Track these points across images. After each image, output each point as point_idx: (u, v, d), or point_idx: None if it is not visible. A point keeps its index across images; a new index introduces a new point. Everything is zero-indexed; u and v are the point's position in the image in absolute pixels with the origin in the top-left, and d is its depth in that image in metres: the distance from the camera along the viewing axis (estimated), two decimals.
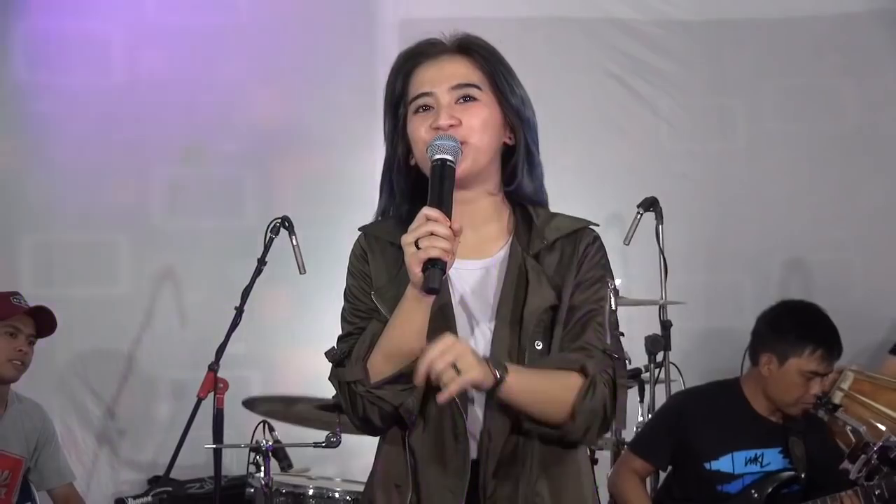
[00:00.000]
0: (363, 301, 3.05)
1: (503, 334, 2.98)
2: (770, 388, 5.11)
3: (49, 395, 6.23)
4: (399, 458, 3.02)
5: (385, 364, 2.89)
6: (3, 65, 6.42)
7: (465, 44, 3.12)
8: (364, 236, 3.13)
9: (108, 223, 6.58)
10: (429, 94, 3.01)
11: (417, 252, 2.72)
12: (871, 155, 7.26)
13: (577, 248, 3.10)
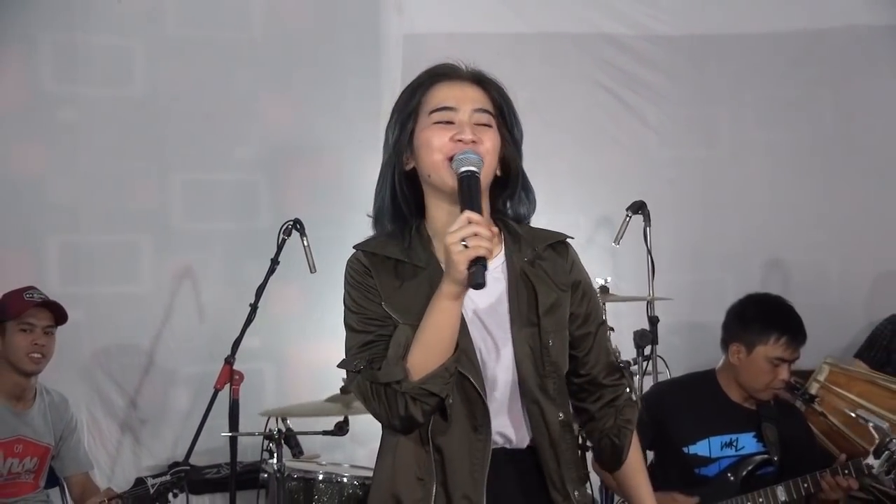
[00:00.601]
0: (372, 310, 3.07)
1: (519, 336, 3.08)
2: (741, 375, 5.14)
3: (75, 386, 6.27)
4: (420, 451, 3.06)
5: (426, 361, 2.93)
6: (32, 76, 6.45)
7: (482, 77, 3.19)
8: (363, 254, 3.14)
9: (131, 225, 6.61)
10: (452, 110, 3.06)
11: (465, 251, 2.78)
12: (847, 162, 7.30)
13: (566, 259, 3.25)
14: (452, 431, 3.03)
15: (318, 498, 5.75)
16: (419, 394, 2.92)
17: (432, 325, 2.93)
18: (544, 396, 3.09)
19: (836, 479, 4.90)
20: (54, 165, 6.48)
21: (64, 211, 6.49)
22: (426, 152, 3.06)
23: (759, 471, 5.09)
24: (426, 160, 3.06)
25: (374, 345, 3.04)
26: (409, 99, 3.16)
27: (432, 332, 2.93)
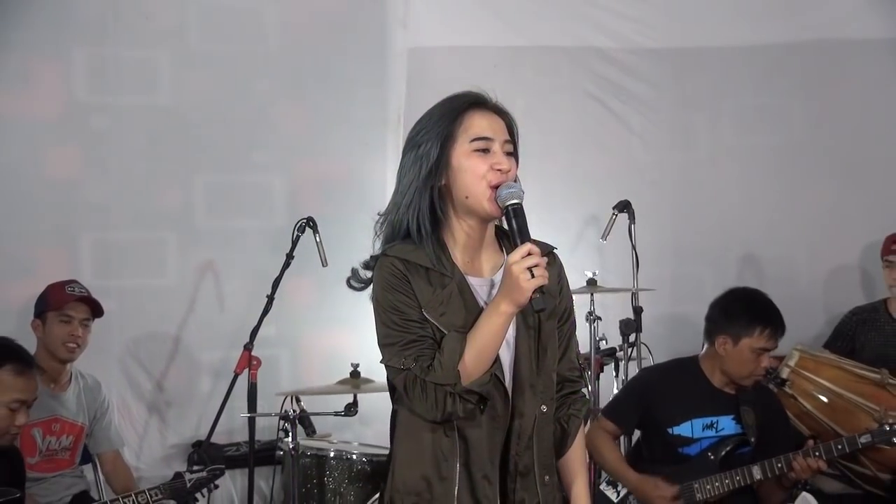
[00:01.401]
0: (412, 313, 3.14)
1: (525, 337, 3.23)
2: (726, 364, 5.13)
3: (108, 371, 6.29)
4: (444, 437, 3.18)
5: (477, 367, 3.06)
6: (68, 87, 6.44)
7: (503, 109, 3.29)
8: (399, 261, 3.17)
9: (157, 223, 6.61)
10: (490, 140, 3.15)
11: (532, 280, 2.95)
12: (815, 165, 7.31)
13: (555, 268, 3.34)
14: (476, 421, 3.16)
15: (329, 473, 5.75)
16: (468, 395, 3.06)
17: (486, 337, 3.07)
18: (531, 389, 3.23)
19: (806, 460, 4.92)
20: (88, 168, 6.48)
21: (97, 210, 6.49)
22: (470, 177, 3.15)
23: (737, 451, 5.09)
24: (468, 184, 3.15)
25: (417, 344, 3.11)
26: (448, 122, 3.20)
27: (485, 343, 3.07)
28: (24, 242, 6.36)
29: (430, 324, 3.12)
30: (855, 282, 7.25)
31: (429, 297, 3.14)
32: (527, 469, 3.24)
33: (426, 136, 3.22)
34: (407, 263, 3.16)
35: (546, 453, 3.31)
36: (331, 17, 6.84)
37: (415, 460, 3.24)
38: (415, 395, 3.10)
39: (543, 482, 3.27)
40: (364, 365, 5.76)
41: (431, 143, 3.19)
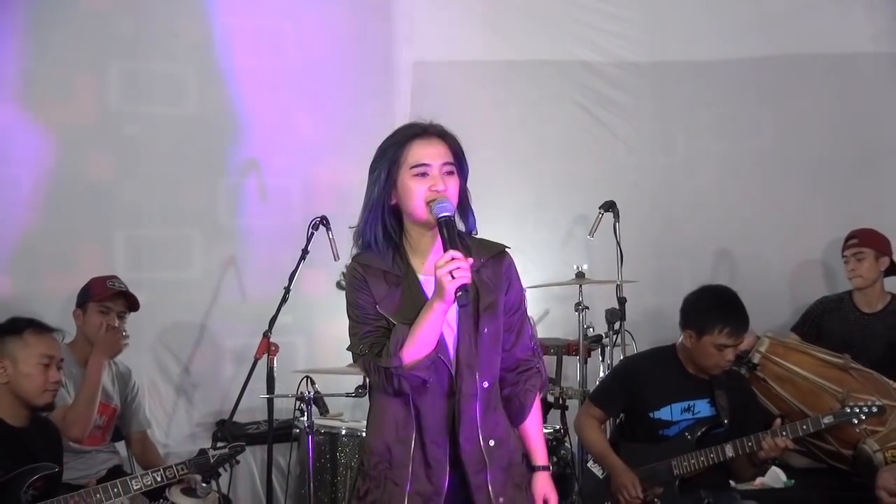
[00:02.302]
0: (368, 308, 3.48)
1: (465, 324, 3.47)
2: (692, 355, 5.12)
3: (140, 357, 6.24)
4: (403, 410, 3.49)
5: (417, 353, 3.36)
6: (103, 97, 6.42)
7: (442, 132, 3.51)
8: (360, 266, 3.53)
9: (184, 221, 6.59)
10: (428, 165, 3.42)
11: (453, 280, 3.21)
12: (782, 169, 7.30)
13: (502, 267, 3.60)
14: (427, 396, 3.46)
15: (341, 450, 5.75)
16: (410, 377, 3.36)
17: (423, 328, 3.35)
18: (469, 368, 3.47)
19: (774, 440, 4.90)
20: (121, 172, 6.44)
21: (129, 209, 6.47)
22: (409, 198, 3.43)
23: (712, 431, 5.07)
24: (409, 203, 3.43)
25: (372, 334, 3.45)
26: (392, 153, 3.48)
27: (423, 333, 3.35)
28: (65, 238, 6.33)
29: (384, 317, 3.44)
30: (818, 275, 7.24)
31: (383, 295, 3.46)
32: (472, 434, 3.48)
33: (379, 163, 3.51)
34: (366, 268, 3.50)
35: (490, 421, 3.52)
36: (343, 34, 6.82)
37: (380, 428, 3.55)
38: (371, 374, 3.47)
39: (488, 445, 3.50)
40: None
41: (381, 170, 3.49)
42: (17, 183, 6.26)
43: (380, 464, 3.55)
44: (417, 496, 3.50)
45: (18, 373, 4.58)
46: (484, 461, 3.50)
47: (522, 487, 3.63)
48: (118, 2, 6.45)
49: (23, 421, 4.62)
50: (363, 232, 3.55)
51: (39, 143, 6.28)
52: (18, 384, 4.59)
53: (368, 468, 3.60)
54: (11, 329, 4.67)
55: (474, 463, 3.51)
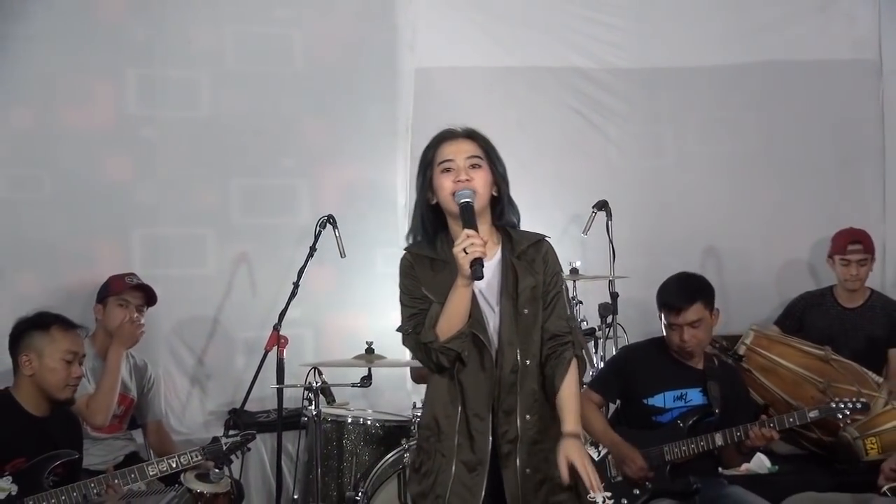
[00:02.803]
0: (416, 293, 3.68)
1: (506, 305, 3.65)
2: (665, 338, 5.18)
3: (156, 349, 6.27)
4: (450, 384, 3.68)
5: (448, 328, 3.55)
6: (120, 102, 6.40)
7: (472, 133, 3.75)
8: (410, 255, 3.75)
9: (198, 220, 6.56)
10: (451, 161, 3.64)
11: (467, 256, 3.40)
12: (767, 170, 7.29)
13: (540, 252, 3.77)
14: (469, 371, 3.64)
15: (347, 437, 5.76)
16: (444, 350, 3.56)
17: (451, 304, 3.55)
18: (510, 347, 3.65)
19: (761, 430, 4.88)
20: (138, 173, 6.43)
21: (145, 209, 6.44)
22: (440, 193, 3.65)
23: (704, 419, 5.04)
24: (441, 197, 3.65)
25: (418, 316, 3.66)
26: (424, 157, 3.75)
27: (452, 308, 3.55)
28: (85, 237, 6.32)
29: (429, 300, 3.63)
30: (804, 271, 7.23)
31: (429, 280, 3.67)
32: (510, 409, 3.64)
33: (419, 168, 3.76)
34: (415, 257, 3.73)
35: (529, 397, 3.67)
36: (348, 42, 6.79)
37: (430, 403, 3.77)
38: (416, 352, 3.67)
39: (525, 420, 3.65)
40: (377, 342, 5.80)
41: (420, 174, 3.75)
42: (40, 184, 6.26)
43: (430, 437, 3.73)
44: (463, 465, 3.64)
45: (43, 366, 4.58)
46: (517, 431, 3.64)
47: (551, 461, 3.65)
48: (134, 11, 6.43)
49: (44, 411, 4.62)
50: (412, 227, 3.81)
51: (60, 145, 6.29)
52: (42, 377, 4.58)
53: (421, 441, 3.81)
54: (39, 324, 4.67)
55: (508, 433, 3.64)
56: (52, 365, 4.58)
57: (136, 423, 5.90)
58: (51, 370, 4.58)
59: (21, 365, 4.60)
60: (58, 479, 4.46)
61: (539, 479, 3.68)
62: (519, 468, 3.65)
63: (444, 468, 3.67)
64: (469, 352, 3.63)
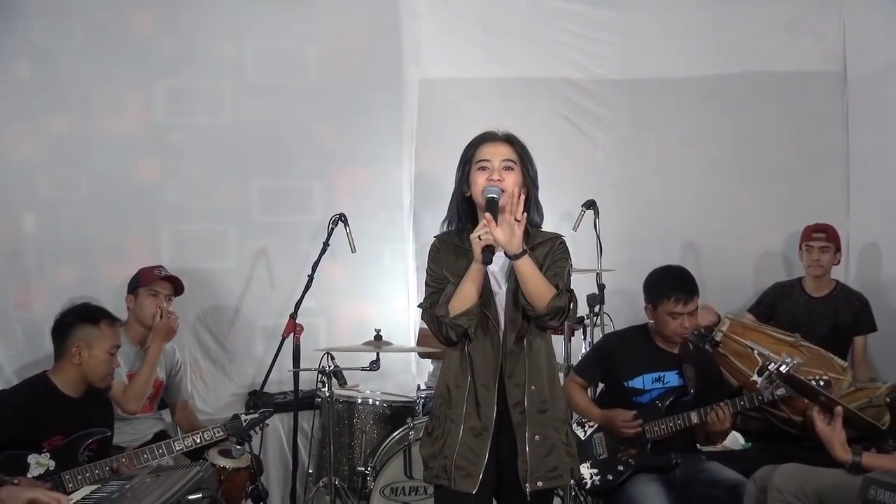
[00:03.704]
0: (439, 274, 3.85)
1: (512, 288, 3.77)
2: (655, 326, 5.16)
3: (182, 336, 6.21)
4: (461, 356, 3.81)
5: (459, 305, 3.70)
6: (150, 110, 6.38)
7: (510, 137, 3.89)
8: (438, 241, 3.92)
9: (221, 218, 6.54)
10: (489, 161, 3.78)
11: (479, 242, 3.59)
12: (741, 171, 7.27)
13: (553, 245, 3.91)
14: (477, 345, 3.78)
15: (357, 416, 5.78)
16: (452, 324, 3.71)
17: (464, 285, 3.70)
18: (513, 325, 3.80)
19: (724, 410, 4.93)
20: (166, 175, 6.42)
21: (173, 207, 6.44)
22: (474, 187, 3.79)
23: (680, 399, 5.04)
24: (474, 191, 3.79)
25: (436, 294, 3.82)
26: (465, 153, 3.87)
27: (463, 289, 3.70)
28: (118, 233, 6.31)
29: (450, 281, 3.78)
30: (779, 263, 7.21)
31: (452, 264, 3.81)
32: (519, 380, 3.76)
33: (459, 163, 3.88)
34: (442, 243, 3.90)
35: (535, 370, 3.79)
36: (358, 55, 6.76)
37: (444, 374, 3.87)
38: (431, 325, 3.81)
39: (531, 390, 3.77)
40: (385, 330, 5.82)
41: (460, 168, 3.88)
42: (77, 185, 6.26)
43: (442, 404, 3.84)
44: (470, 431, 3.75)
45: (92, 357, 4.60)
46: (524, 403, 3.75)
47: (557, 429, 3.83)
48: (163, 27, 6.41)
49: (79, 392, 4.63)
50: (448, 215, 3.93)
51: (96, 150, 6.29)
52: (89, 367, 4.60)
53: (434, 409, 3.92)
54: (89, 318, 4.68)
55: (516, 404, 3.75)
56: (100, 357, 4.61)
57: (165, 403, 5.90)
58: (99, 362, 4.61)
59: (70, 354, 4.60)
60: (91, 454, 4.46)
61: (548, 446, 3.80)
62: (528, 435, 3.75)
63: (453, 432, 3.77)
64: (478, 328, 3.76)
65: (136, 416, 5.55)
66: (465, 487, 3.73)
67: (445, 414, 3.82)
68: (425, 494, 5.19)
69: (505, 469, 3.80)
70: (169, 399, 5.89)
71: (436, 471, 3.81)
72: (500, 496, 3.89)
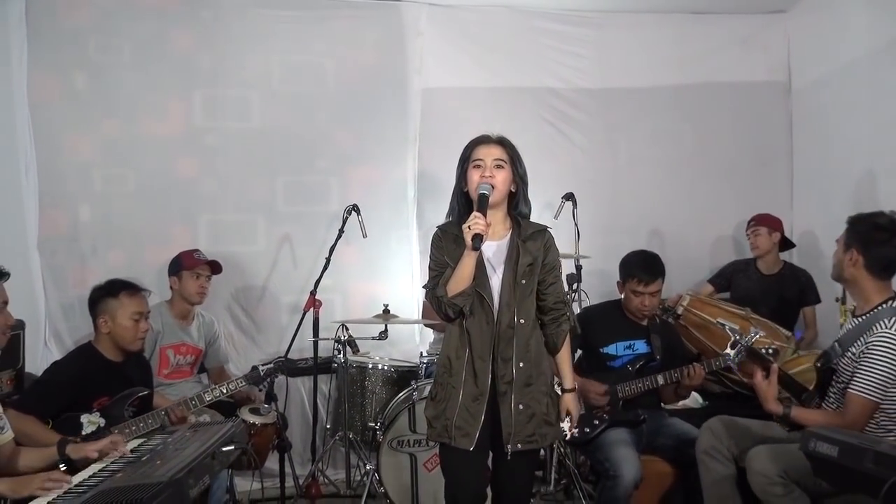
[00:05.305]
0: (440, 260, 3.83)
1: (507, 275, 3.79)
2: (624, 302, 5.19)
3: (219, 310, 6.28)
4: (461, 331, 3.81)
5: (455, 287, 3.70)
6: (189, 115, 6.38)
7: (502, 140, 3.90)
8: (440, 230, 3.90)
9: (251, 209, 6.52)
10: (482, 160, 3.79)
11: (469, 231, 3.56)
12: (700, 169, 7.21)
13: (543, 240, 3.89)
14: (474, 322, 3.78)
15: (368, 379, 5.79)
16: (450, 303, 3.73)
17: (459, 269, 3.70)
18: (508, 307, 3.78)
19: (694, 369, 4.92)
20: (203, 172, 6.42)
21: (210, 200, 6.43)
22: (469, 183, 3.79)
23: (648, 364, 5.04)
24: (470, 186, 3.80)
25: (438, 277, 3.81)
26: (464, 154, 3.87)
27: (459, 272, 3.69)
28: (162, 222, 6.32)
29: (450, 266, 3.76)
30: (729, 247, 7.18)
31: (452, 251, 3.77)
32: (507, 356, 3.75)
33: (458, 162, 3.88)
34: (444, 232, 3.87)
35: (522, 349, 3.77)
36: (369, 68, 6.72)
37: (446, 346, 3.87)
38: (433, 303, 3.80)
39: (519, 367, 3.76)
40: (392, 304, 5.87)
41: (459, 167, 3.87)
42: (125, 180, 6.28)
43: (444, 373, 3.85)
44: (467, 396, 3.76)
45: (117, 325, 4.57)
46: (512, 375, 3.75)
47: (538, 400, 3.83)
48: (201, 43, 6.41)
49: (119, 357, 4.62)
50: (450, 208, 3.92)
51: (142, 150, 6.29)
52: (117, 334, 4.57)
53: (437, 376, 3.91)
54: (110, 291, 4.64)
55: (505, 376, 3.76)
56: (124, 324, 4.57)
57: (204, 368, 5.90)
58: (124, 328, 4.57)
59: (99, 325, 4.60)
60: (135, 410, 4.46)
61: (529, 414, 3.80)
62: (513, 404, 3.75)
63: (454, 397, 3.79)
64: (475, 307, 3.75)
65: (178, 380, 5.58)
66: (464, 445, 3.76)
67: (447, 381, 3.83)
68: (427, 447, 5.18)
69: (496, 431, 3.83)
70: (208, 364, 5.91)
71: (438, 430, 3.83)
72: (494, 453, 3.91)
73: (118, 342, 4.57)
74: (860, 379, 3.91)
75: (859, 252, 4.07)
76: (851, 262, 4.09)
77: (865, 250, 4.05)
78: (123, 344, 4.58)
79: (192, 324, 5.79)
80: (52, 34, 6.07)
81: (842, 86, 6.54)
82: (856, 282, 4.12)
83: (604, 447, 4.83)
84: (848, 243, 4.12)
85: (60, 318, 6.06)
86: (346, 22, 6.67)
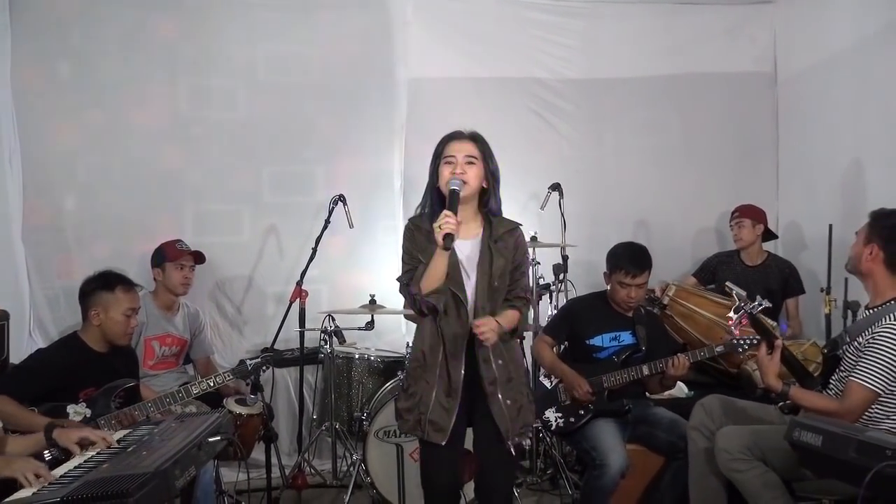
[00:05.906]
0: (413, 255, 3.84)
1: (481, 280, 3.83)
2: (609, 293, 5.19)
3: (204, 301, 6.27)
4: (434, 328, 3.84)
5: (428, 284, 3.71)
6: (174, 105, 6.34)
7: (474, 136, 3.89)
8: (412, 224, 3.91)
9: (236, 199, 6.49)
10: (453, 157, 3.81)
11: (440, 231, 3.52)
12: (685, 159, 7.24)
13: (514, 239, 3.91)
14: (447, 319, 3.81)
15: (354, 369, 5.80)
16: (424, 301, 3.75)
17: (431, 266, 3.69)
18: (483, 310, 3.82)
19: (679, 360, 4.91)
20: (188, 162, 6.38)
21: (195, 190, 6.40)
22: (441, 179, 3.81)
23: (633, 355, 5.06)
24: (441, 182, 3.81)
25: (411, 271, 3.82)
26: (436, 150, 3.88)
27: (431, 270, 3.69)
28: (146, 212, 6.28)
29: (421, 261, 3.76)
30: (712, 238, 7.21)
31: (423, 246, 3.78)
32: (486, 356, 3.81)
33: (432, 158, 3.89)
34: (415, 227, 3.88)
35: (498, 348, 3.81)
36: (355, 58, 6.70)
37: (420, 341, 3.91)
38: (406, 298, 3.85)
39: (498, 364, 3.83)
40: (379, 295, 5.85)
41: (432, 163, 3.88)
42: (111, 170, 6.25)
43: (418, 367, 3.89)
44: (442, 391, 3.81)
45: (109, 319, 4.58)
46: (494, 374, 3.82)
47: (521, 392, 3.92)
48: (185, 32, 6.37)
49: (105, 348, 4.63)
50: (422, 202, 3.93)
51: (127, 139, 6.25)
52: (107, 328, 4.59)
53: (410, 369, 3.96)
54: (105, 284, 4.64)
55: (489, 374, 3.82)
56: (116, 318, 4.58)
57: (190, 359, 5.89)
58: (115, 323, 4.58)
59: (90, 317, 4.60)
60: (121, 401, 4.46)
61: (517, 408, 3.89)
62: (502, 401, 3.83)
63: (427, 391, 3.83)
64: (448, 306, 3.79)
65: (163, 371, 5.57)
66: (436, 440, 3.83)
67: (421, 375, 3.88)
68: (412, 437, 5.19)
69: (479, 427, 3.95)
70: (193, 355, 5.90)
71: (411, 423, 3.90)
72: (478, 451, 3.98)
73: (107, 335, 4.57)
74: (863, 368, 3.92)
75: (881, 247, 4.07)
76: (871, 256, 4.09)
77: (887, 246, 4.07)
78: (113, 338, 4.58)
79: (176, 314, 5.77)
80: (35, 22, 6.02)
81: (828, 77, 6.57)
82: (872, 275, 4.13)
83: (590, 437, 4.85)
84: (869, 237, 4.12)
85: (45, 309, 6.03)
86: (333, 12, 6.64)
